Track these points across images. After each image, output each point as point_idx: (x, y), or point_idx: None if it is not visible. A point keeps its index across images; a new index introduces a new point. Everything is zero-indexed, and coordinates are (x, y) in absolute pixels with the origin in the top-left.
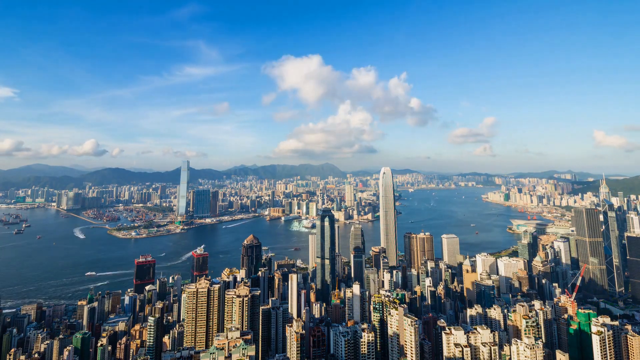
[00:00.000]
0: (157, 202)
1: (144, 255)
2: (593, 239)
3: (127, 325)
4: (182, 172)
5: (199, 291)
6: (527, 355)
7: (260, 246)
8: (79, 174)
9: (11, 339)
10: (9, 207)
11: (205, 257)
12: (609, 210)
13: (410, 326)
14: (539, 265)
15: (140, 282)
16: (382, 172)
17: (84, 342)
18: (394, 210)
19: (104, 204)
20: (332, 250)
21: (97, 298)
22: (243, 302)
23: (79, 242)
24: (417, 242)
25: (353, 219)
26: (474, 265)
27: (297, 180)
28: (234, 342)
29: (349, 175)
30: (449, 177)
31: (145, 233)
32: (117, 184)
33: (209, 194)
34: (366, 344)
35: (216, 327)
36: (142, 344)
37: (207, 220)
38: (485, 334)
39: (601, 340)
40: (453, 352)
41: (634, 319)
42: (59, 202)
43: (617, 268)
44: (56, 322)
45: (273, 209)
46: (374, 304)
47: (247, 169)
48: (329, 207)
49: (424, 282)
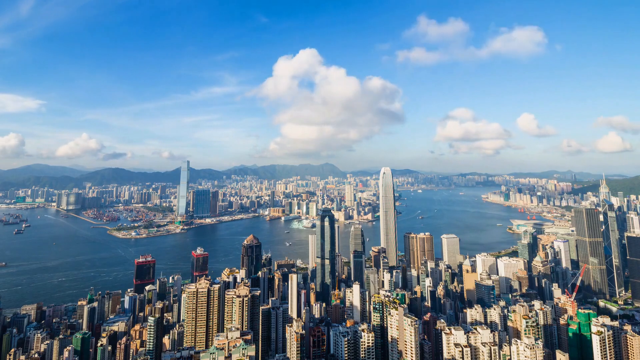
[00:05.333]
0: (157, 202)
1: (144, 255)
2: (593, 239)
3: (127, 326)
4: (182, 172)
5: (199, 291)
6: (527, 355)
7: (260, 246)
8: (79, 174)
9: (11, 339)
10: (9, 207)
11: (205, 257)
12: (609, 210)
13: (410, 326)
14: (539, 266)
15: (140, 282)
16: (382, 172)
17: (84, 342)
18: (394, 210)
19: (104, 204)
20: (332, 250)
21: (97, 298)
22: (243, 302)
23: (79, 242)
24: (417, 242)
25: (353, 219)
26: (474, 265)
27: (297, 181)
28: (234, 342)
29: (349, 175)
30: (449, 177)
31: (145, 233)
32: (117, 184)
33: (209, 194)
34: (366, 344)
35: (216, 327)
36: (142, 344)
37: (207, 220)
38: (485, 334)
39: (601, 341)
40: (453, 352)
41: (634, 319)
42: (59, 202)
43: (617, 268)
44: (56, 322)
45: (273, 209)
46: (374, 304)
47: (247, 169)
48: (329, 207)
49: (423, 282)
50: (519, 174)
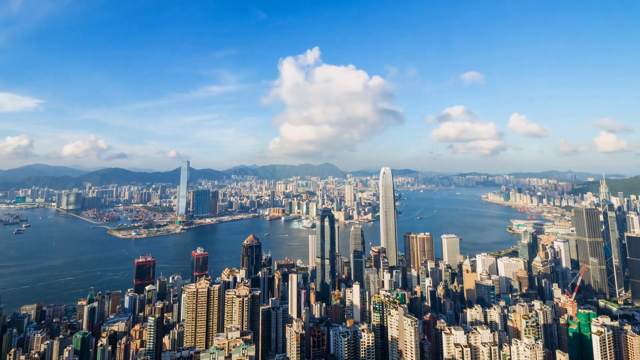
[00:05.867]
0: (157, 202)
1: (144, 255)
2: (593, 239)
3: (127, 326)
4: (182, 172)
5: (199, 291)
6: (527, 355)
7: (260, 246)
8: (79, 174)
9: (11, 339)
10: (9, 207)
11: (205, 257)
12: (609, 210)
13: (410, 326)
14: (538, 266)
15: (140, 282)
16: (382, 172)
17: (84, 342)
18: (394, 210)
19: (104, 204)
20: (332, 250)
21: (97, 298)
22: (243, 302)
23: (79, 242)
24: (417, 242)
25: (353, 219)
26: (474, 265)
27: (297, 181)
28: (234, 342)
29: (349, 175)
30: (449, 177)
31: (145, 233)
32: (117, 184)
33: (209, 194)
34: (366, 344)
35: (216, 327)
36: (142, 344)
37: (207, 220)
38: (485, 334)
39: (601, 341)
40: (453, 352)
41: (634, 319)
42: (59, 202)
43: (617, 268)
44: (56, 322)
45: (273, 209)
46: (374, 304)
47: (247, 169)
48: (329, 207)
49: (423, 282)
50: (518, 174)
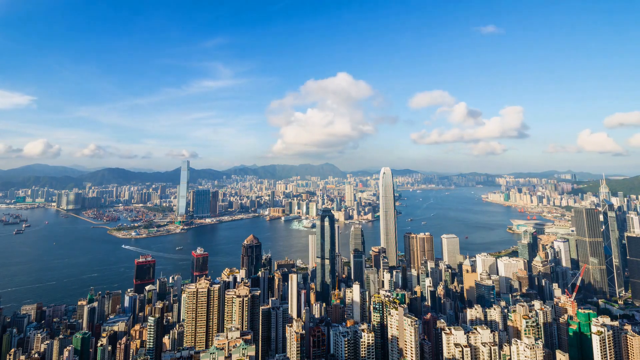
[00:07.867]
0: (157, 202)
1: (144, 255)
2: (593, 239)
3: (127, 326)
4: (182, 172)
5: (199, 291)
6: (527, 355)
7: (260, 246)
8: (79, 174)
9: (11, 339)
10: (9, 207)
11: (205, 257)
12: (609, 210)
13: (410, 326)
14: (539, 266)
15: (140, 282)
16: (382, 172)
17: (84, 342)
18: (394, 210)
19: (104, 204)
20: (332, 250)
21: (97, 298)
22: (243, 302)
23: (79, 242)
24: (417, 242)
25: (353, 219)
26: (474, 265)
27: (297, 181)
28: (234, 342)
29: (349, 175)
30: (449, 177)
31: (145, 233)
32: (117, 184)
33: (209, 194)
34: (366, 344)
35: (216, 327)
36: (142, 344)
37: (207, 220)
38: (485, 334)
39: (601, 341)
40: (453, 352)
41: (634, 319)
42: (59, 202)
43: (617, 268)
44: (56, 322)
45: (273, 209)
46: (374, 304)
47: (247, 169)
48: (329, 207)
49: (423, 282)
50: (519, 174)
